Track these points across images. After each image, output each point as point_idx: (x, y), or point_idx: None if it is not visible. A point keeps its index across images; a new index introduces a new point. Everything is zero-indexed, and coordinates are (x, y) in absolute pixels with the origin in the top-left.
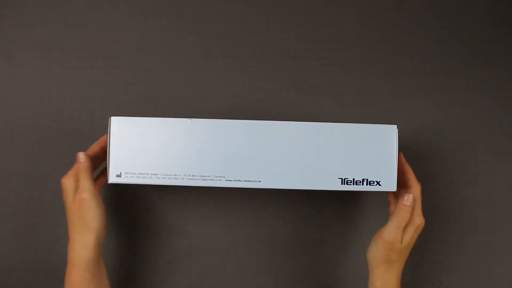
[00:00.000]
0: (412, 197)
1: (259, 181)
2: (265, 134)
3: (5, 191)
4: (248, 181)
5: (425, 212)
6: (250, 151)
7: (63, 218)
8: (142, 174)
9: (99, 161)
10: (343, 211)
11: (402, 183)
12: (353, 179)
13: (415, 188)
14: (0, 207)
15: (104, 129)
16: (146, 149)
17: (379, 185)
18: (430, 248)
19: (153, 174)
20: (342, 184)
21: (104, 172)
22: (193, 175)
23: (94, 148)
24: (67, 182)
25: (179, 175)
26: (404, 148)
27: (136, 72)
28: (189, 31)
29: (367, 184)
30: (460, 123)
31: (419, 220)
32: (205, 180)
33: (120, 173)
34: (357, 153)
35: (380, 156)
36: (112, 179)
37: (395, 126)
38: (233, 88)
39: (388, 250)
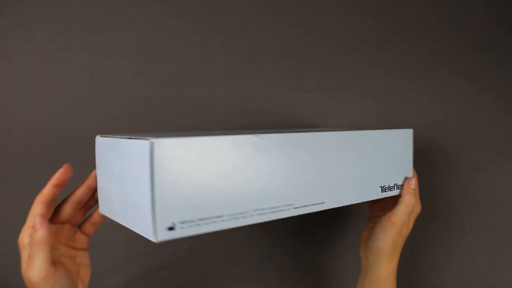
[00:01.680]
0: (415, 180)
1: (322, 203)
2: (317, 148)
3: (5, 191)
4: (314, 204)
5: (425, 212)
6: (312, 169)
7: None
8: (203, 220)
9: (84, 210)
10: (341, 210)
11: None
12: (389, 185)
13: (415, 177)
14: (0, 207)
15: (104, 129)
16: (201, 182)
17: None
18: (430, 248)
19: (217, 217)
20: (382, 192)
21: (99, 216)
22: (263, 208)
23: (78, 192)
24: (21, 243)
25: (247, 211)
26: None
27: (137, 72)
28: (189, 30)
29: (397, 189)
30: (460, 123)
31: (418, 207)
32: (274, 212)
33: (174, 224)
34: (383, 159)
35: (400, 159)
36: (162, 235)
37: (411, 130)
38: (233, 88)
39: (397, 235)
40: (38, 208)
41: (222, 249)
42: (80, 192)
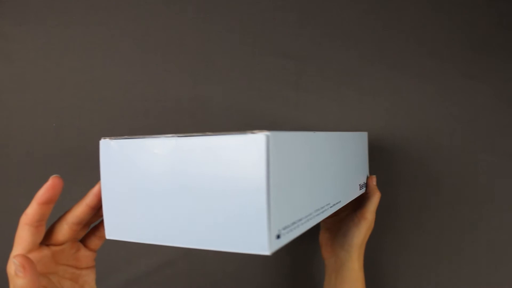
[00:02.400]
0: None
1: (339, 202)
2: (338, 146)
3: (5, 191)
4: (336, 203)
5: (425, 212)
6: (336, 167)
7: None
8: (296, 222)
9: (86, 227)
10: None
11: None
12: (360, 184)
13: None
14: (0, 207)
15: (104, 130)
16: (307, 180)
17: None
18: (430, 248)
19: (308, 215)
20: (359, 189)
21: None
22: (327, 205)
23: (77, 211)
24: (8, 273)
25: (323, 206)
26: (403, 148)
27: (136, 72)
28: (189, 31)
29: (363, 187)
30: (460, 123)
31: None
32: (324, 212)
33: (279, 231)
34: (357, 159)
35: (364, 159)
36: (273, 245)
37: (366, 133)
38: (233, 88)
39: (368, 230)
40: (23, 232)
41: None
42: (80, 212)
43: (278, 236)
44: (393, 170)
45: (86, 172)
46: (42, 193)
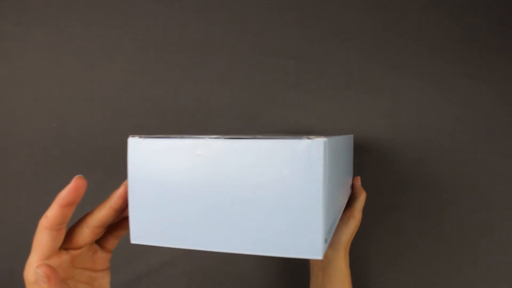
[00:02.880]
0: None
1: (344, 203)
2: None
3: (5, 191)
4: (342, 205)
5: (425, 212)
6: (341, 170)
7: None
8: (333, 223)
9: (106, 229)
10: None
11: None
12: (349, 185)
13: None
14: (0, 207)
15: (104, 130)
16: (333, 185)
17: None
18: (430, 248)
19: (336, 218)
20: (350, 189)
21: (125, 225)
22: (340, 207)
23: (100, 215)
24: (26, 280)
25: (339, 208)
26: (403, 148)
27: (136, 72)
28: (189, 31)
29: (351, 189)
30: (460, 123)
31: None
32: (339, 213)
33: (326, 236)
34: (349, 160)
35: (351, 161)
36: (324, 249)
37: (352, 135)
38: (233, 88)
39: (356, 228)
40: (43, 237)
41: None
42: (103, 215)
43: (326, 240)
44: (393, 170)
45: (86, 172)
46: (65, 195)
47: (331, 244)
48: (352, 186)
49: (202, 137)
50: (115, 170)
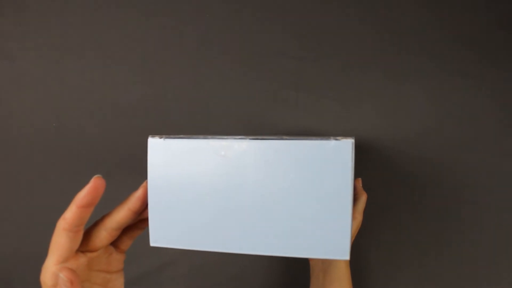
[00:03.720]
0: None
1: None
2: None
3: (5, 191)
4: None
5: (425, 212)
6: None
7: None
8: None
9: (128, 236)
10: None
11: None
12: None
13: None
14: (0, 207)
15: (103, 130)
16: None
17: None
18: (430, 248)
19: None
20: None
21: (141, 225)
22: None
23: (118, 217)
24: (43, 283)
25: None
26: (403, 148)
27: (136, 72)
28: (189, 31)
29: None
30: (460, 123)
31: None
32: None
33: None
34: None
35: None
36: (350, 249)
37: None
38: (232, 88)
39: (357, 229)
40: (61, 238)
41: None
42: (121, 217)
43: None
44: (393, 170)
45: (87, 172)
46: (83, 196)
47: None
48: (354, 188)
49: (226, 137)
50: (115, 170)
